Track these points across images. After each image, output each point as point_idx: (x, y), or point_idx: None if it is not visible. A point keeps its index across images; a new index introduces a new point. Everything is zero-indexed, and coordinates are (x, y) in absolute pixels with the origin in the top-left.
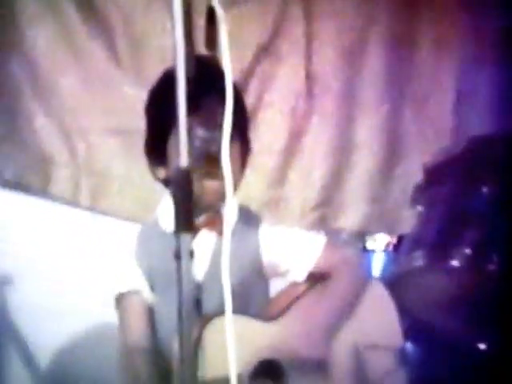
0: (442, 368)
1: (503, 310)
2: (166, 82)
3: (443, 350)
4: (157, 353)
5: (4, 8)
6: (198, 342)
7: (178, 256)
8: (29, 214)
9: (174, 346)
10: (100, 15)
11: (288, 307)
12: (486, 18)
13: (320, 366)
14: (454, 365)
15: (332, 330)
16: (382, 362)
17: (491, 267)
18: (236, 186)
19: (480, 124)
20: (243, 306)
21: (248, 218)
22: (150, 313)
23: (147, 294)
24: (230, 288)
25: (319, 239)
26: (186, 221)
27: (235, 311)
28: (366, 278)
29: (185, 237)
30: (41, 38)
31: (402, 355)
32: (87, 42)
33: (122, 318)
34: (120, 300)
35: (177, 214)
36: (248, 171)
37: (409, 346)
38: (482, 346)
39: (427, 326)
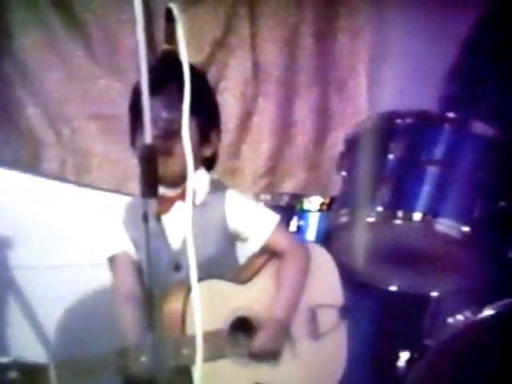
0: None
1: (414, 257)
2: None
3: (374, 299)
4: (146, 302)
5: None
6: (185, 305)
7: (145, 218)
8: (24, 187)
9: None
10: (78, 20)
11: (254, 275)
12: (395, 11)
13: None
14: (383, 313)
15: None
16: (329, 318)
17: (398, 221)
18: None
19: (389, 102)
20: (219, 269)
21: (218, 189)
22: (138, 268)
23: (133, 254)
24: (194, 252)
25: (274, 217)
26: (152, 188)
27: (213, 275)
28: (310, 254)
29: (150, 202)
30: (28, 41)
31: (344, 311)
32: (68, 44)
33: (113, 274)
34: (112, 259)
35: (143, 182)
36: None
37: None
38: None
39: (357, 275)
